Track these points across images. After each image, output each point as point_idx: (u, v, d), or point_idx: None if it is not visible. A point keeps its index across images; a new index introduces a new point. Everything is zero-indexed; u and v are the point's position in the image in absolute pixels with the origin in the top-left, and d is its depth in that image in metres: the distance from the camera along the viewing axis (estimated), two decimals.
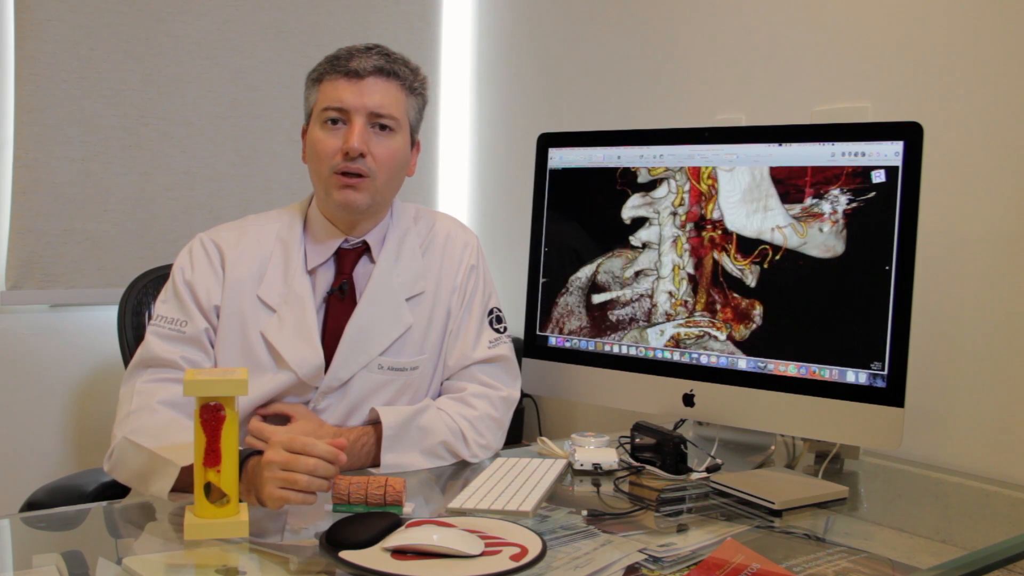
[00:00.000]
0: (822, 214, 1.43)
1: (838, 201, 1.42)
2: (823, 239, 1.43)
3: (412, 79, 1.51)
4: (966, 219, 1.59)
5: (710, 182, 1.54)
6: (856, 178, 1.40)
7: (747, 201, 1.50)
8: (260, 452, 1.22)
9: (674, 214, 1.57)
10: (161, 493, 1.25)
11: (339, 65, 1.46)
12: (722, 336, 1.51)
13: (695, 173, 1.56)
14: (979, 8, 1.57)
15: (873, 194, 1.39)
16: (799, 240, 1.45)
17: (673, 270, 1.57)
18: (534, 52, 2.54)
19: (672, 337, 1.56)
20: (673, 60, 2.13)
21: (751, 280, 1.49)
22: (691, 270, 1.55)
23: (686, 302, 1.55)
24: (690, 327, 1.55)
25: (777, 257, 1.46)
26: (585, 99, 2.37)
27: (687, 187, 1.56)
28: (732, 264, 1.50)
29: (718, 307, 1.52)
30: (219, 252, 1.50)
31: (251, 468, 1.24)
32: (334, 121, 1.46)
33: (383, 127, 1.47)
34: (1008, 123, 1.53)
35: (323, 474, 1.17)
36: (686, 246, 1.56)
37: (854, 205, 1.40)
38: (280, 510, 1.22)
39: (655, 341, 1.58)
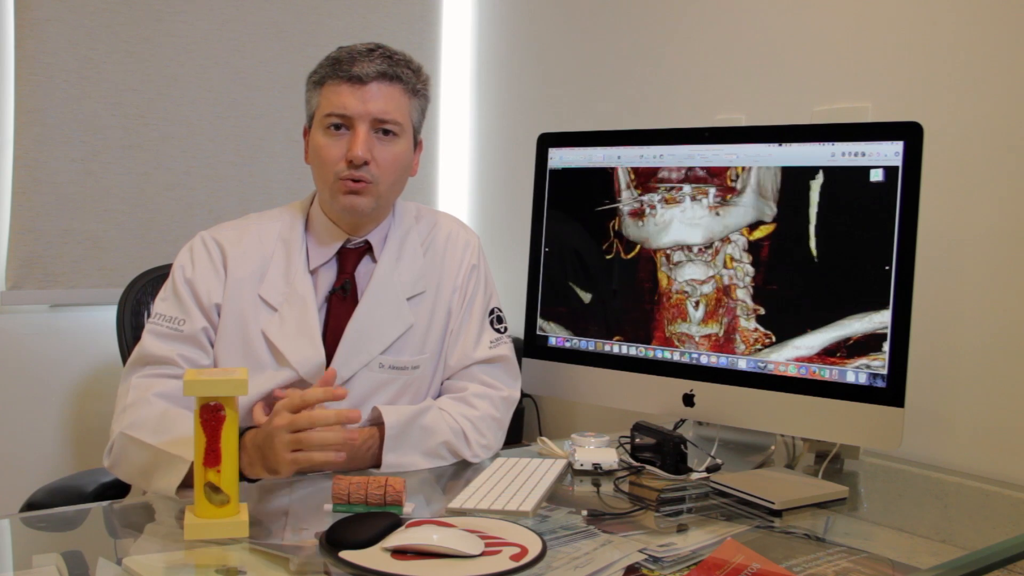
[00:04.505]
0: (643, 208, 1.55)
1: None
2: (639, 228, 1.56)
3: (415, 81, 1.51)
4: (966, 219, 1.59)
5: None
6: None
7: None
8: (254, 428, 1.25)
9: None
10: (168, 489, 1.25)
11: (341, 69, 1.45)
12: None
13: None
14: (979, 8, 1.57)
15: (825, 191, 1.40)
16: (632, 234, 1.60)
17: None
18: (534, 52, 2.54)
19: (659, 334, 1.57)
20: (673, 60, 2.13)
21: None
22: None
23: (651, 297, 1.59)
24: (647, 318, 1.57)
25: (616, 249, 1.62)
26: (585, 99, 2.37)
27: None
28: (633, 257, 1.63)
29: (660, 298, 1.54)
30: (221, 250, 1.50)
31: (249, 442, 1.27)
32: (337, 127, 1.45)
33: (386, 132, 1.47)
34: (1008, 123, 1.53)
35: (329, 424, 1.21)
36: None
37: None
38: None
39: (646, 339, 1.58)
